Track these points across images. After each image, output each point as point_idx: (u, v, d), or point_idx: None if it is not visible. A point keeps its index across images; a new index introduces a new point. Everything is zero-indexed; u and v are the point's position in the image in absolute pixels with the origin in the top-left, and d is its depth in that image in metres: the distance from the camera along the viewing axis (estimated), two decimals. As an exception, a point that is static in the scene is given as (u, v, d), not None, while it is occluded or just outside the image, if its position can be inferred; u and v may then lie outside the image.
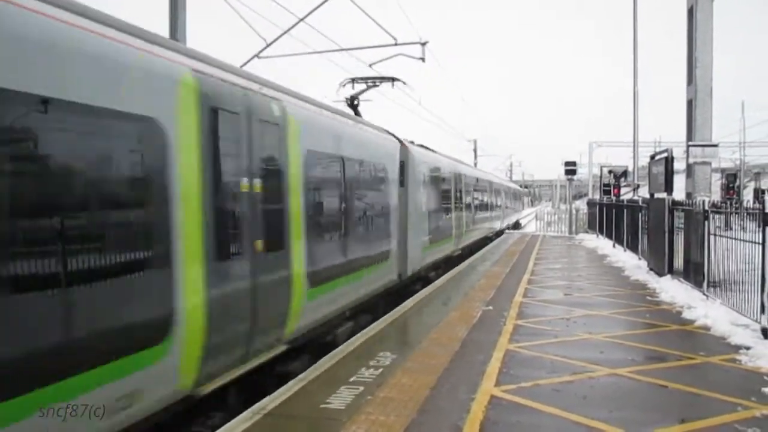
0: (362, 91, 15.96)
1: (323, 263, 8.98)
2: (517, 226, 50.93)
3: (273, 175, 7.59)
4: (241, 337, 6.66)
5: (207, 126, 6.16)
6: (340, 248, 9.93)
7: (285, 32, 15.11)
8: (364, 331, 9.78)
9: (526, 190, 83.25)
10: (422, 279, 16.50)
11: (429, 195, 16.79)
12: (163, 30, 13.77)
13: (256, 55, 15.07)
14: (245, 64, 14.98)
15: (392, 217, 13.25)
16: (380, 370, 7.47)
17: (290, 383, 7.07)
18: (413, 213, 14.97)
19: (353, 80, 16.06)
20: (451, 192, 20.29)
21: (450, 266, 19.43)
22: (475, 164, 57.77)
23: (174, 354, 5.46)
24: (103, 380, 4.63)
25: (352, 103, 15.72)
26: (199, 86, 6.09)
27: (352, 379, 7.08)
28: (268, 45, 14.96)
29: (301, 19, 14.89)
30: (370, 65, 18.39)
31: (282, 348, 7.90)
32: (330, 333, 9.86)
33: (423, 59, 17.23)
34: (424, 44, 17.14)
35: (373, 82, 16.21)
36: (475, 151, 59.70)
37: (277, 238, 7.51)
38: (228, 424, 5.78)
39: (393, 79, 16.48)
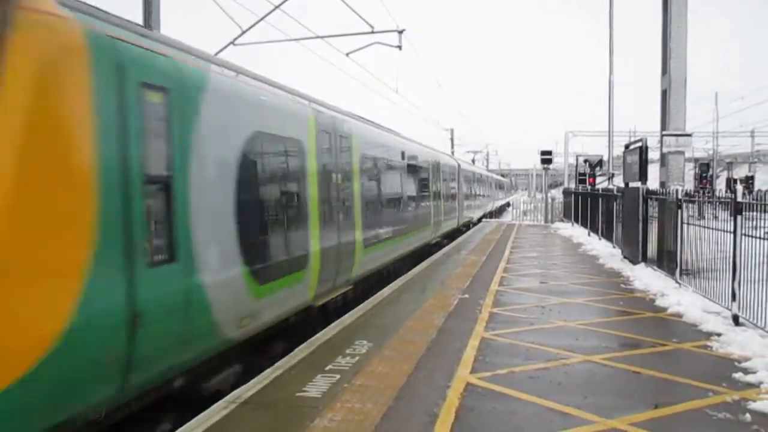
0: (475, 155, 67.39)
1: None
2: (496, 213, 52.88)
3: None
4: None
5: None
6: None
7: (261, 19, 14.95)
8: (341, 319, 9.77)
9: (506, 179, 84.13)
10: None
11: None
12: (137, 15, 13.59)
13: (232, 42, 14.91)
14: (221, 51, 14.82)
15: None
16: (357, 358, 7.47)
17: (266, 372, 7.04)
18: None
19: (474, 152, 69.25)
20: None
21: (426, 254, 19.48)
22: (452, 153, 57.89)
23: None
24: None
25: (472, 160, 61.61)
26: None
27: (328, 368, 7.07)
28: (244, 32, 14.79)
29: (277, 6, 14.74)
30: (347, 54, 18.29)
31: None
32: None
33: (400, 47, 17.17)
34: (401, 32, 17.08)
35: (474, 153, 69.44)
36: (452, 140, 59.73)
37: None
38: (203, 414, 5.74)
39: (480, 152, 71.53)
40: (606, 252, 18.33)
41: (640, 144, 15.19)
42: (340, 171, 10.83)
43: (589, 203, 25.21)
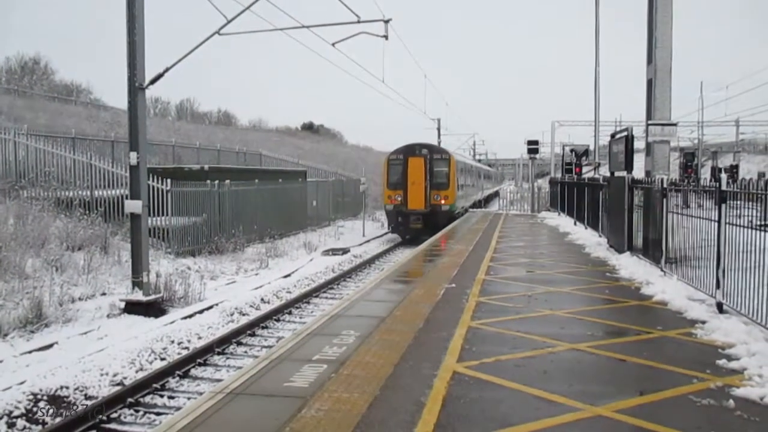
0: (480, 156, 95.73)
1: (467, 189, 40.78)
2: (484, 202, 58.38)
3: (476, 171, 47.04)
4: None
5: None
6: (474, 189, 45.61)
7: (246, 9, 14.85)
8: (327, 310, 9.77)
9: (493, 170, 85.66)
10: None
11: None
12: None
13: (217, 32, 14.80)
14: (205, 41, 14.72)
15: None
16: (344, 348, 7.47)
17: (253, 362, 7.04)
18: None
19: (480, 154, 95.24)
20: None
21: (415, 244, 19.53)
22: (439, 143, 58.06)
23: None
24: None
25: (479, 161, 78.15)
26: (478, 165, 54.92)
27: (315, 357, 7.07)
28: (229, 21, 14.68)
29: (263, -5, 14.64)
30: (333, 44, 18.20)
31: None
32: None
33: (386, 37, 17.09)
34: (387, 21, 16.99)
35: (480, 155, 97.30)
36: (438, 129, 59.78)
37: (472, 183, 43.58)
38: (189, 404, 5.73)
39: (484, 155, 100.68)
40: (592, 241, 18.42)
41: (625, 133, 15.24)
42: (474, 174, 44.90)
43: (575, 193, 25.30)
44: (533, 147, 37.89)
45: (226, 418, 5.47)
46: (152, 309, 14.28)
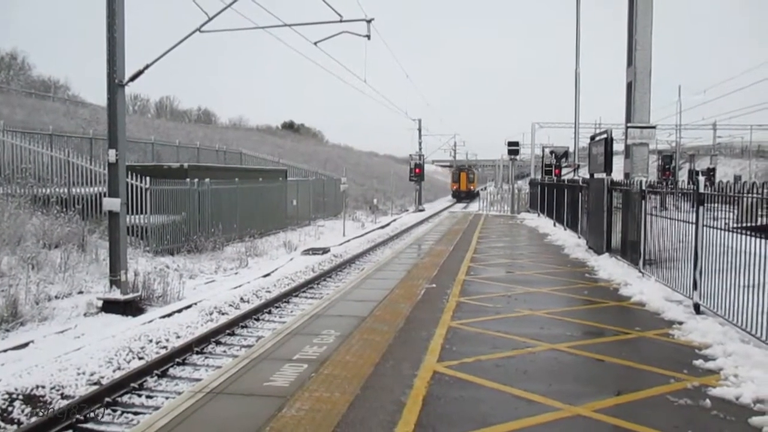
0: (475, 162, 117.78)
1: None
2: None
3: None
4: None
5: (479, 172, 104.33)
6: None
7: (228, 6, 14.77)
8: (307, 309, 9.75)
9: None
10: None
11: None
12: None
13: (198, 29, 14.70)
14: (186, 38, 14.61)
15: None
16: (324, 347, 7.46)
17: (233, 361, 7.00)
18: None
19: (475, 162, 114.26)
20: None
21: (393, 244, 19.56)
22: (420, 144, 58.44)
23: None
24: None
25: (470, 167, 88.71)
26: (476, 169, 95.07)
27: (295, 357, 7.05)
28: (210, 19, 14.59)
29: (245, -7, 14.57)
30: (315, 43, 18.16)
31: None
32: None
33: (368, 36, 17.08)
34: (369, 21, 16.99)
35: (474, 163, 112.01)
36: (419, 130, 59.81)
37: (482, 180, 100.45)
38: (168, 403, 5.69)
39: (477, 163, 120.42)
40: (571, 242, 18.55)
41: (605, 135, 15.38)
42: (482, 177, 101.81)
43: (554, 194, 25.47)
44: (514, 148, 38.10)
45: (205, 418, 5.43)
46: (130, 308, 14.15)
